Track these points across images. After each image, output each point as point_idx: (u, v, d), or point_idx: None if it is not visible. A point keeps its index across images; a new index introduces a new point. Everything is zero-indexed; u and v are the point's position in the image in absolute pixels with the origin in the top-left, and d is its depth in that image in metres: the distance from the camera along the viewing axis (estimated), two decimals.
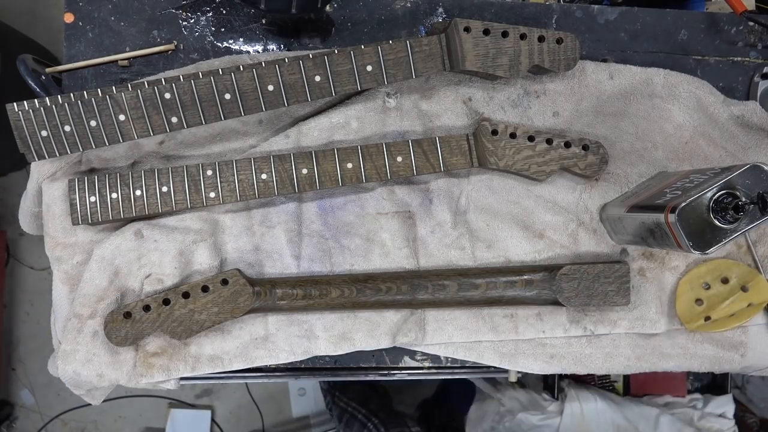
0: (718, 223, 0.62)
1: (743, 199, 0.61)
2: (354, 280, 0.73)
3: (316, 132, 0.75)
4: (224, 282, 0.69)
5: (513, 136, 0.72)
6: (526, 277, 0.74)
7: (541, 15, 0.79)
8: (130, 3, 0.74)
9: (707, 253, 0.63)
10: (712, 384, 1.00)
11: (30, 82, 0.69)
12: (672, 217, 0.62)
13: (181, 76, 0.65)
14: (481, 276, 0.74)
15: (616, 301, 0.74)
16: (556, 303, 0.74)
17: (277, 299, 0.72)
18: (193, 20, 0.75)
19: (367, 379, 0.86)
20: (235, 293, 0.70)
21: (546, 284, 0.74)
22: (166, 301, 0.69)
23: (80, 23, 0.74)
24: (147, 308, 0.69)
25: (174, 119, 0.66)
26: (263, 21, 0.76)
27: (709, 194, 0.62)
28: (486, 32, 0.68)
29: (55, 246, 0.73)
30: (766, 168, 0.62)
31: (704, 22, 0.81)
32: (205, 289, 0.69)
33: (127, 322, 0.69)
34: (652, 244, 0.70)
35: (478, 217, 0.77)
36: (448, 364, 0.80)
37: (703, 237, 0.63)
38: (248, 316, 0.74)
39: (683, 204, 0.62)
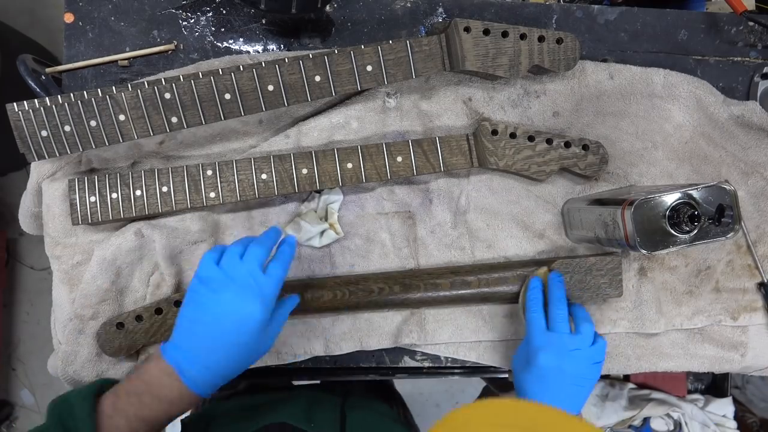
0: (669, 228, 0.63)
1: (698, 212, 0.62)
2: (346, 282, 0.73)
3: (316, 132, 0.75)
4: None
5: (513, 136, 0.72)
6: (518, 272, 0.74)
7: (541, 15, 0.79)
8: (130, 3, 0.74)
9: (652, 254, 0.63)
10: (712, 386, 1.00)
11: (30, 82, 0.69)
12: (629, 210, 0.63)
13: (181, 76, 0.65)
14: (473, 273, 0.74)
15: (609, 293, 0.73)
16: None
17: None
18: (193, 20, 0.75)
19: (367, 379, 0.85)
20: None
21: None
22: (158, 311, 0.69)
23: (80, 23, 0.74)
24: (139, 318, 0.69)
25: (174, 119, 0.66)
26: (263, 21, 0.76)
27: (669, 199, 0.63)
28: (486, 32, 0.68)
29: (55, 246, 0.73)
30: (728, 188, 0.63)
31: (704, 22, 0.81)
32: None
33: (120, 332, 0.69)
34: (602, 240, 0.71)
35: (478, 217, 0.77)
36: (448, 364, 0.80)
37: (652, 238, 0.64)
38: None
39: (641, 199, 0.63)
